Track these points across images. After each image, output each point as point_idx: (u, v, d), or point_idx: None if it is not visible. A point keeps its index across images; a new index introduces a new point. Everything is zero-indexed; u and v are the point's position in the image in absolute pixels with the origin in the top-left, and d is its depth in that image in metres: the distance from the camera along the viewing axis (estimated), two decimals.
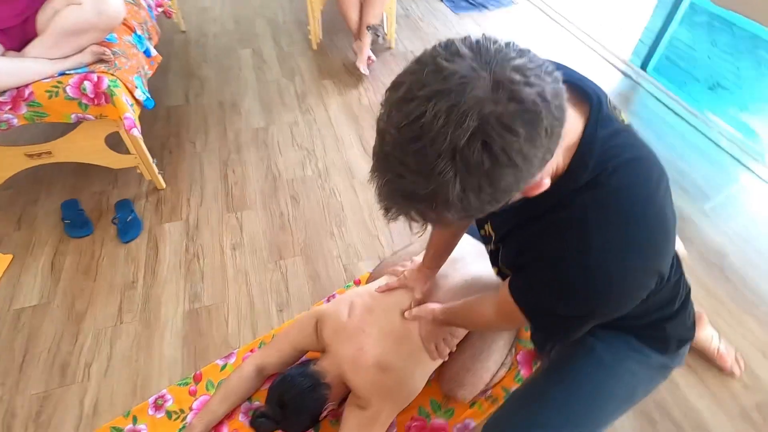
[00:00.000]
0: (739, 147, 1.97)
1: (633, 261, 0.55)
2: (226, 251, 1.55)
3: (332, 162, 1.90)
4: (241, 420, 1.14)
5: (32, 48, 1.28)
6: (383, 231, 1.63)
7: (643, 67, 2.51)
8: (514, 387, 1.23)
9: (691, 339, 0.76)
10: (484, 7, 3.11)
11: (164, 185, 1.74)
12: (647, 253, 0.56)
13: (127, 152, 1.58)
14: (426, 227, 0.54)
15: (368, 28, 2.24)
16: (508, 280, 0.70)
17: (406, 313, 1.05)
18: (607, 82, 2.47)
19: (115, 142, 1.55)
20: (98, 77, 1.31)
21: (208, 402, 1.13)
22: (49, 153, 1.50)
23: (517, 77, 0.40)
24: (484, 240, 0.78)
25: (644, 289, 0.58)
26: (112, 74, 1.33)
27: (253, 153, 1.92)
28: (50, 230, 1.59)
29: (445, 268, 1.13)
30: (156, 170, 1.67)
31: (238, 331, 1.34)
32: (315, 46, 2.57)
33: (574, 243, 0.55)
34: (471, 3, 3.13)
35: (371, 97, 2.26)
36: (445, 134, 0.40)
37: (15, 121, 1.32)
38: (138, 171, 1.66)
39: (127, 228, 1.58)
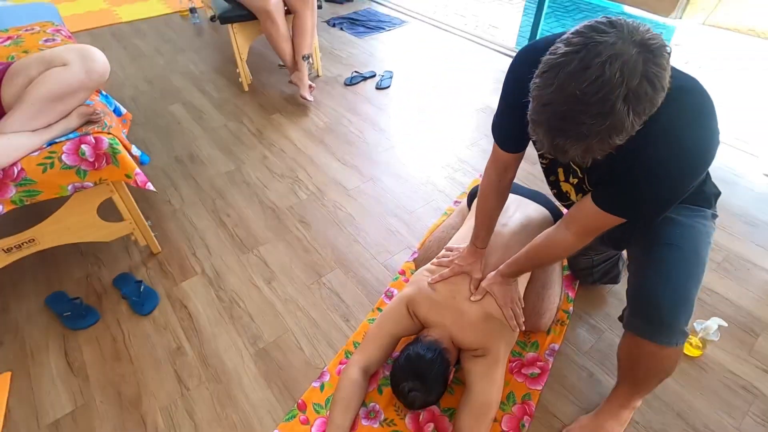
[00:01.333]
0: None
1: (710, 136, 0.76)
2: (262, 287, 1.50)
3: (321, 182, 1.95)
4: (365, 424, 1.14)
5: (9, 123, 1.14)
6: (399, 226, 1.74)
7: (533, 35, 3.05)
8: (570, 308, 1.42)
9: (720, 194, 1.03)
10: (381, 29, 3.44)
11: (160, 248, 1.62)
12: (714, 127, 0.77)
13: (119, 219, 1.45)
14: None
15: (304, 57, 2.36)
16: (585, 202, 0.88)
17: (473, 298, 1.16)
18: (501, 65, 2.92)
19: (104, 213, 1.41)
20: (96, 138, 1.21)
21: (330, 419, 1.11)
22: (32, 241, 1.32)
23: (648, 36, 0.62)
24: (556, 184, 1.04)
25: (714, 156, 0.80)
26: (109, 133, 1.25)
27: (237, 194, 1.88)
28: (44, 332, 1.36)
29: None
30: (152, 233, 1.55)
31: (316, 352, 1.32)
32: (246, 88, 2.59)
33: (663, 137, 0.74)
34: (368, 27, 3.45)
35: (325, 119, 2.36)
36: (621, 82, 0.60)
37: (0, 208, 1.15)
38: (133, 238, 1.52)
39: (143, 300, 1.43)
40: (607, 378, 1.26)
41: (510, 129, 1.00)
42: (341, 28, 3.42)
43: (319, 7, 2.43)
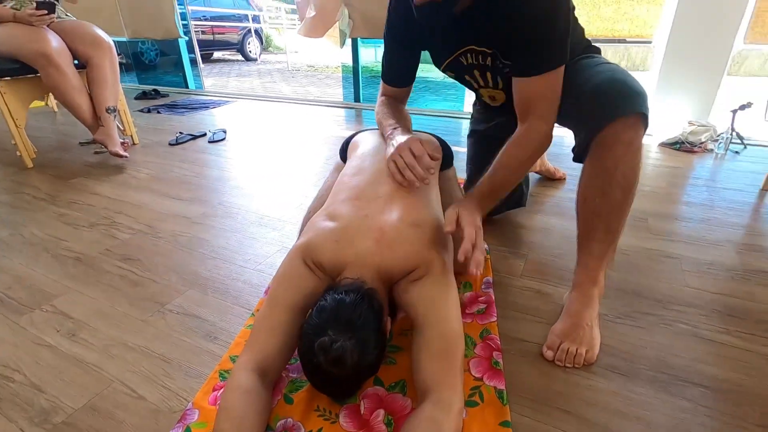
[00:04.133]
0: None
1: None
2: (59, 344, 0.92)
3: (150, 218, 1.48)
4: None
5: None
6: (266, 231, 1.38)
7: (357, 99, 3.25)
8: (486, 246, 1.24)
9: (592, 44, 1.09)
10: (205, 107, 3.29)
11: None
12: None
13: None
14: None
15: (108, 110, 1.97)
16: (520, 85, 0.90)
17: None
18: (336, 119, 3.04)
19: None
20: None
21: None
22: None
23: None
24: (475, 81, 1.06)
25: None
26: None
27: (13, 257, 1.27)
28: None
29: None
30: None
31: (168, 391, 0.80)
32: (30, 163, 2.01)
33: None
34: (190, 108, 3.25)
35: (148, 171, 1.94)
36: None
37: None
38: None
39: None
40: (555, 288, 1.06)
41: (400, 65, 1.09)
42: (158, 112, 3.14)
43: (122, 65, 2.16)
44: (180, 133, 2.46)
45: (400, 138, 0.92)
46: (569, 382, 0.79)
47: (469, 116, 1.47)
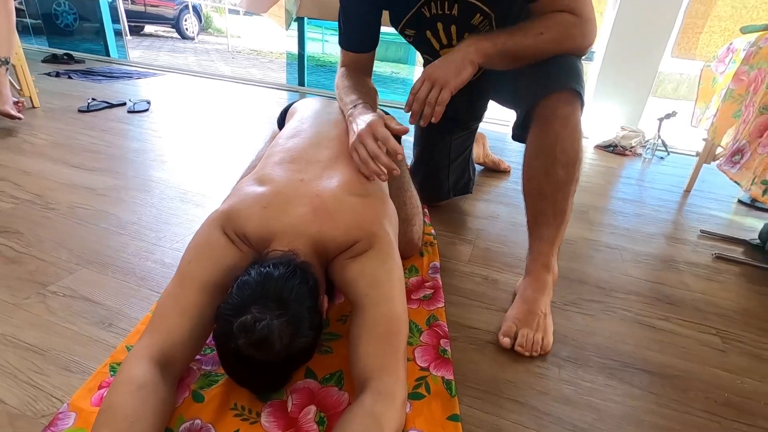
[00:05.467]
0: None
1: None
2: None
3: (42, 187, 1.24)
4: None
5: None
6: (188, 208, 1.21)
7: (301, 84, 3.08)
8: (433, 231, 1.18)
9: None
10: (129, 77, 2.93)
11: None
12: None
13: None
14: None
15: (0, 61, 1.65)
16: None
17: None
18: (279, 100, 2.86)
19: None
20: None
21: None
22: None
23: None
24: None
25: None
26: None
27: None
28: None
29: None
30: None
31: (38, 391, 0.62)
32: None
33: None
34: (110, 77, 2.88)
35: (48, 137, 1.65)
36: None
37: None
38: None
39: None
40: (502, 275, 1.02)
41: (362, 25, 0.97)
42: (69, 77, 2.75)
43: (30, 27, 1.83)
44: (93, 99, 2.15)
45: (360, 120, 0.79)
46: (520, 371, 0.74)
47: None
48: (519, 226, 1.27)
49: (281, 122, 1.10)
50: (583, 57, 0.88)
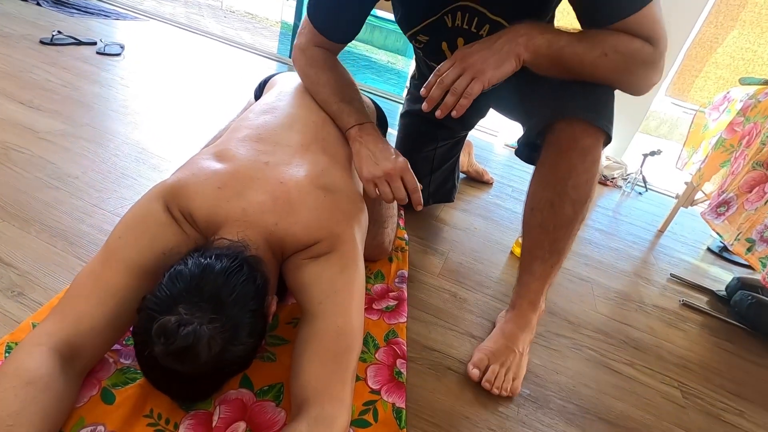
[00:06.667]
0: None
1: None
2: None
3: None
4: None
5: None
6: (144, 169, 1.09)
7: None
8: (405, 235, 1.10)
9: None
10: (105, 15, 2.70)
11: None
12: None
13: None
14: None
15: None
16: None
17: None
18: (266, 70, 2.72)
19: None
20: None
21: None
22: None
23: None
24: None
25: None
26: None
27: None
28: None
29: None
30: None
31: None
32: None
33: None
34: (84, 11, 2.64)
35: None
36: None
37: None
38: None
39: None
40: (472, 295, 0.96)
41: (349, 8, 0.78)
42: (37, 4, 2.49)
43: None
44: (59, 32, 1.94)
45: (385, 156, 0.71)
46: (477, 406, 0.68)
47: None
48: (495, 244, 1.22)
49: (258, 93, 0.99)
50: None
